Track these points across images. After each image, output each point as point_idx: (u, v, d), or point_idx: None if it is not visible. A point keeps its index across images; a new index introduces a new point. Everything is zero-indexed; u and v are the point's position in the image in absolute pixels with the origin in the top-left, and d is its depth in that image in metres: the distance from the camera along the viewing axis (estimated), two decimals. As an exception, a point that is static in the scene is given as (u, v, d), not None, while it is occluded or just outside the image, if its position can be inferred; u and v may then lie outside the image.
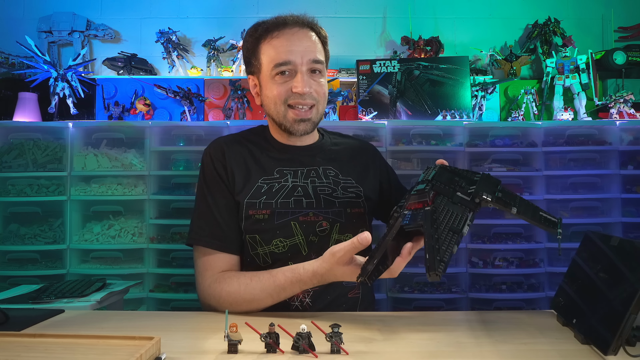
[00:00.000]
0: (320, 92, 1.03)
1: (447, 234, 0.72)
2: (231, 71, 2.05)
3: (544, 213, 0.81)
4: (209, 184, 1.03)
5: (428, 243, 0.70)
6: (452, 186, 0.81)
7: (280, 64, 0.98)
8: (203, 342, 0.73)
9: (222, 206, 1.01)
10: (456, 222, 0.74)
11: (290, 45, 0.99)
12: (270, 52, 1.00)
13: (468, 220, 0.76)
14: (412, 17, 2.14)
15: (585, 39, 2.12)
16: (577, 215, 1.73)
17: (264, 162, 1.06)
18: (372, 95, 1.93)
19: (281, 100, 1.00)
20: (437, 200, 0.79)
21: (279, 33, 1.00)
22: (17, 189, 1.69)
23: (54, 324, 0.85)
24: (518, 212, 0.78)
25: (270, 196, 1.01)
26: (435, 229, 0.72)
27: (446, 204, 0.77)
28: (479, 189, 0.79)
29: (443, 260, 0.67)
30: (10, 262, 1.69)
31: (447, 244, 0.70)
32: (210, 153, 1.06)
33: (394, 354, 0.68)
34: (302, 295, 0.98)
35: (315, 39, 1.03)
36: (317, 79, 1.02)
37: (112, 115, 1.92)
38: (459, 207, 0.77)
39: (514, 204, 0.79)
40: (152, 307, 1.70)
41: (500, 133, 1.78)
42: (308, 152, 1.09)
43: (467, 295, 1.72)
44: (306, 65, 0.99)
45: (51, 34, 2.07)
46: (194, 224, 1.02)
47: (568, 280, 0.84)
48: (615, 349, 0.63)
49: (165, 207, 1.72)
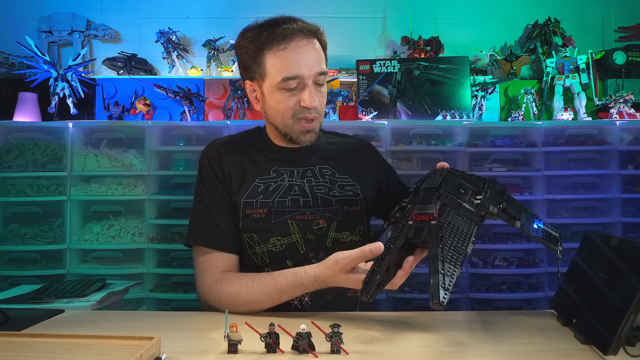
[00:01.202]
0: (323, 103, 1.05)
1: (453, 256, 0.69)
2: (231, 71, 2.05)
3: (546, 227, 0.80)
4: (207, 185, 1.04)
5: (432, 266, 0.67)
6: (458, 196, 0.79)
7: (289, 78, 0.97)
8: (203, 342, 0.73)
9: (220, 206, 1.02)
10: (461, 241, 0.72)
11: (299, 59, 0.97)
12: (278, 64, 0.98)
13: (473, 236, 0.73)
14: (412, 17, 2.14)
15: (585, 39, 2.12)
16: (577, 215, 1.73)
17: (260, 163, 1.06)
18: (372, 95, 1.93)
19: (289, 114, 1.00)
20: (443, 212, 0.76)
21: (286, 45, 0.97)
22: (17, 189, 1.69)
23: (54, 324, 0.84)
24: (522, 227, 0.77)
25: (267, 195, 1.01)
26: (441, 249, 0.69)
27: (452, 218, 0.75)
28: (485, 201, 0.77)
29: (447, 289, 0.65)
30: (10, 262, 1.69)
31: (452, 268, 0.67)
32: (207, 154, 1.07)
33: (394, 354, 0.68)
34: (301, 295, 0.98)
35: (319, 48, 1.02)
36: (320, 89, 1.02)
37: (112, 115, 1.92)
38: (465, 221, 0.75)
39: (519, 217, 0.78)
40: (152, 307, 1.70)
41: (500, 133, 1.78)
42: (304, 152, 1.09)
43: (467, 295, 1.72)
44: (313, 78, 0.99)
45: (51, 34, 2.07)
46: (193, 225, 1.03)
47: (568, 280, 0.84)
48: (615, 349, 0.63)
49: (165, 207, 1.72)
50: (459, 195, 0.79)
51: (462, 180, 0.83)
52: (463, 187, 0.81)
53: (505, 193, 0.81)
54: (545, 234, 0.79)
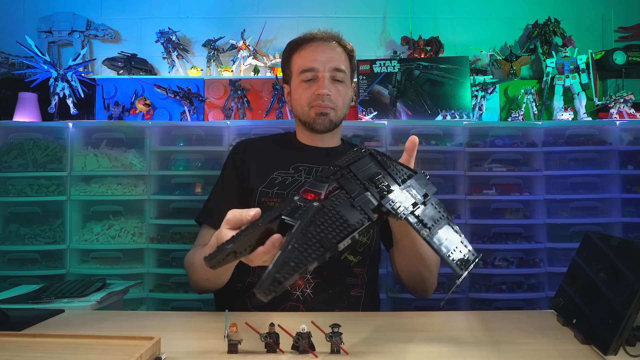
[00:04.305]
0: (338, 98, 1.14)
1: (312, 246, 0.57)
2: (231, 71, 2.05)
3: (462, 245, 0.67)
4: (225, 174, 1.16)
5: (281, 251, 0.56)
6: (366, 183, 0.67)
7: (305, 70, 1.12)
8: (203, 342, 0.73)
9: (228, 191, 1.13)
10: (335, 232, 0.60)
11: (315, 55, 1.13)
12: (299, 61, 1.15)
13: (356, 232, 0.61)
14: (412, 17, 2.14)
15: (585, 39, 2.12)
16: (577, 215, 1.73)
17: (282, 158, 1.16)
18: (372, 95, 1.93)
19: (306, 102, 1.13)
20: (333, 196, 0.64)
21: (307, 45, 1.15)
22: (17, 189, 1.70)
23: (54, 324, 0.85)
24: (428, 236, 0.65)
25: (282, 187, 1.09)
26: (302, 235, 0.58)
27: (341, 205, 0.63)
28: (394, 198, 0.66)
29: (279, 281, 0.53)
30: (10, 262, 1.69)
31: (302, 259, 0.56)
32: (234, 148, 1.21)
33: (394, 354, 0.68)
34: (303, 286, 1.01)
35: (339, 51, 1.16)
36: (337, 86, 1.14)
37: (112, 115, 1.92)
38: (357, 213, 0.63)
39: (430, 225, 0.66)
40: (152, 307, 1.70)
41: (500, 133, 1.78)
42: (326, 153, 1.17)
43: (467, 295, 1.72)
44: (328, 72, 1.12)
45: (51, 34, 2.07)
46: (205, 205, 1.15)
47: (568, 280, 0.84)
48: (615, 349, 0.64)
49: (165, 207, 1.72)
50: (368, 182, 0.67)
51: (382, 166, 0.71)
52: (380, 174, 0.69)
53: (433, 194, 0.70)
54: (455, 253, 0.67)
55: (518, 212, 1.76)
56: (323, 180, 0.66)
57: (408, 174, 0.72)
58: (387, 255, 1.15)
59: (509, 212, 1.76)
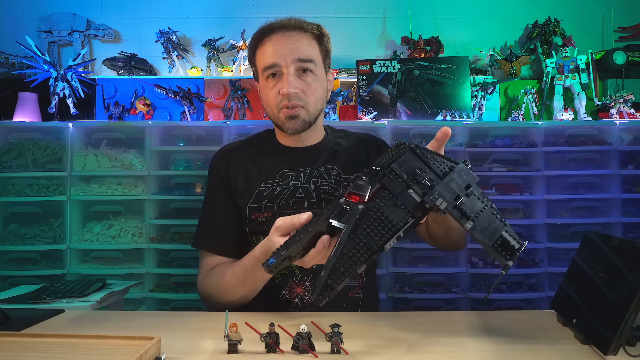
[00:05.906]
0: (308, 93, 1.03)
1: (360, 250, 0.60)
2: (231, 71, 2.05)
3: (507, 234, 0.66)
4: (213, 191, 1.11)
5: (330, 257, 0.59)
6: (408, 181, 0.68)
7: (267, 67, 1.02)
8: (203, 342, 0.73)
9: (223, 213, 1.08)
10: (380, 235, 0.62)
11: (275, 49, 1.02)
12: (261, 58, 1.05)
13: (402, 231, 0.63)
14: (412, 17, 2.14)
15: (585, 39, 2.12)
16: (577, 215, 1.73)
17: (267, 166, 1.10)
18: (372, 95, 1.93)
19: (273, 104, 1.04)
20: (377, 197, 0.66)
21: (267, 39, 1.04)
22: (17, 189, 1.69)
23: (54, 324, 0.85)
24: (473, 228, 0.65)
25: (271, 199, 1.05)
26: (350, 240, 0.60)
27: (385, 205, 0.65)
28: (435, 192, 0.66)
29: (331, 287, 0.57)
30: (10, 262, 1.69)
31: (351, 263, 0.58)
32: (216, 161, 1.13)
33: (393, 354, 0.68)
34: (302, 293, 1.01)
35: (304, 37, 1.04)
36: (306, 79, 1.03)
37: (112, 115, 1.92)
38: (399, 212, 0.64)
39: (475, 217, 0.65)
40: (152, 307, 1.70)
41: (500, 133, 1.78)
42: (310, 152, 1.12)
43: (467, 295, 1.72)
44: (293, 65, 1.01)
45: (51, 34, 2.07)
46: (199, 228, 1.11)
47: (568, 280, 0.84)
48: (615, 349, 0.64)
49: (165, 207, 1.72)
50: (410, 180, 0.68)
51: (423, 160, 0.71)
52: (422, 169, 0.69)
53: (473, 184, 0.70)
54: (501, 242, 0.66)
55: (518, 212, 1.76)
56: (366, 182, 0.69)
57: (450, 165, 0.72)
58: (386, 256, 1.15)
59: (509, 212, 1.76)
